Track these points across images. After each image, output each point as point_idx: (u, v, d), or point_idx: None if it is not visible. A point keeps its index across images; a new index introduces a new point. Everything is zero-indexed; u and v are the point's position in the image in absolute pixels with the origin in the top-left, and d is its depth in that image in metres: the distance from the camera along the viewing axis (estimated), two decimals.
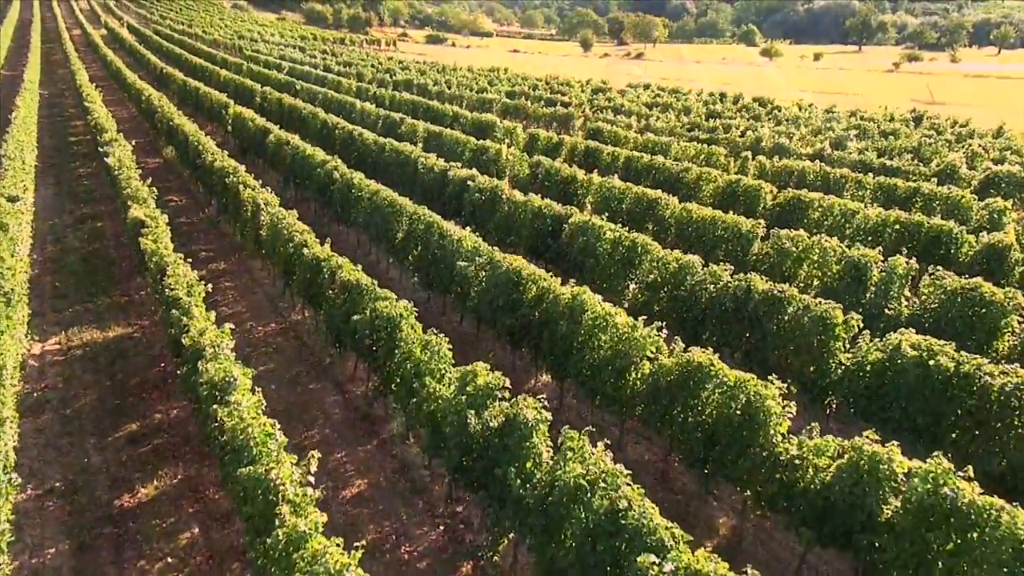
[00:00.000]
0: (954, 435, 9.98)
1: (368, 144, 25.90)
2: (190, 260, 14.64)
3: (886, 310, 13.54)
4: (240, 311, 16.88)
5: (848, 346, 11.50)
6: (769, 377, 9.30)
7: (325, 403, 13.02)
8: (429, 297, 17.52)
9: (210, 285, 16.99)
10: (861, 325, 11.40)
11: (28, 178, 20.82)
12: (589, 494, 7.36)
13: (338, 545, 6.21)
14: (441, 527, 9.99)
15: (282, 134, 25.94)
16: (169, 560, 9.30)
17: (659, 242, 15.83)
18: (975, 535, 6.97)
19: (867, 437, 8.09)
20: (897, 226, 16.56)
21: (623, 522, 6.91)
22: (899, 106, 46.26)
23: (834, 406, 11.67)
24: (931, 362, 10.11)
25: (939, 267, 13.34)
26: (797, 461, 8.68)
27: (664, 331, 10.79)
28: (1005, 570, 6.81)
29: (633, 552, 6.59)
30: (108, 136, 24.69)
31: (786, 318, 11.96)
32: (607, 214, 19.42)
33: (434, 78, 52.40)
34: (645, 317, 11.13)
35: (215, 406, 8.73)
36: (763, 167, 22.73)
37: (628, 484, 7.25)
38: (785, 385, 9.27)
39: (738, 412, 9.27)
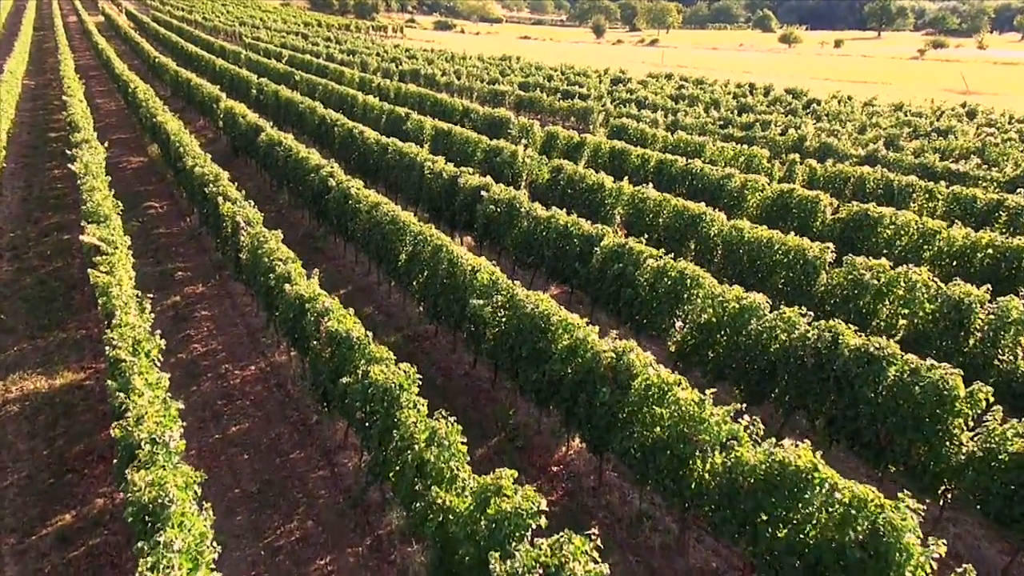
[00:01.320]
0: None
1: (369, 144, 23.39)
2: (155, 289, 12.20)
3: (996, 363, 11.06)
4: (215, 348, 14.46)
5: (972, 423, 9.02)
6: (900, 495, 6.79)
7: (309, 481, 10.59)
8: (437, 330, 15.09)
9: (183, 315, 14.85)
10: (991, 399, 8.89)
11: None
12: None
13: None
14: None
15: (274, 133, 23.45)
16: None
17: (699, 266, 13.35)
18: None
19: None
20: (990, 251, 13.97)
21: None
22: (944, 99, 43.48)
23: (950, 496, 9.21)
24: None
25: None
26: None
27: (745, 416, 8.27)
28: None
29: None
30: (80, 136, 22.26)
31: (886, 383, 9.44)
32: (639, 229, 16.99)
33: (442, 68, 49.72)
34: (713, 390, 8.66)
35: (140, 544, 6.32)
36: (813, 172, 20.07)
37: None
38: (924, 507, 6.78)
39: (856, 543, 6.80)
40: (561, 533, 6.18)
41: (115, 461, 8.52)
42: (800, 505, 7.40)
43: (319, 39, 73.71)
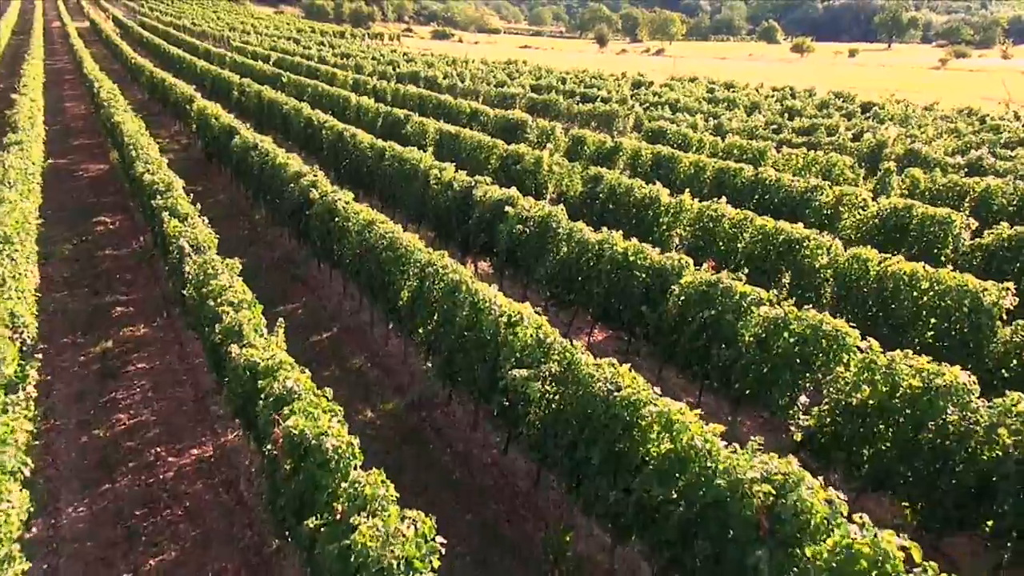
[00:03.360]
0: None
1: (363, 148, 19.52)
2: (81, 332, 8.37)
3: None
4: (147, 421, 10.50)
5: None
6: None
7: None
8: (451, 395, 11.15)
9: (112, 369, 10.72)
10: None
11: None
12: None
13: None
14: None
15: (249, 135, 19.56)
16: None
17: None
18: None
19: None
20: None
21: None
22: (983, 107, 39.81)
23: None
24: None
25: None
26: None
27: None
28: None
29: None
30: (15, 137, 18.44)
31: None
32: (707, 257, 13.11)
33: (444, 71, 45.89)
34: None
35: None
36: (915, 184, 16.23)
37: None
38: None
39: None
40: None
41: None
42: None
43: (312, 43, 70.01)
